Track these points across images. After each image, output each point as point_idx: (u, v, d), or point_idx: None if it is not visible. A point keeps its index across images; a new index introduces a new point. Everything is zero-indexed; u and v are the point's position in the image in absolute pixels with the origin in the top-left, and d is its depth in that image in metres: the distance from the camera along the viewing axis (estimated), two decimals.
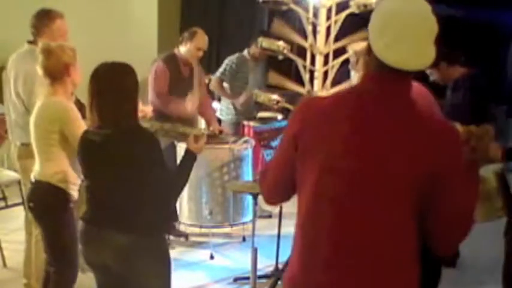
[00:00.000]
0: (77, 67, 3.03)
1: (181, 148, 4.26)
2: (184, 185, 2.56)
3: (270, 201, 1.98)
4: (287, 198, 1.89)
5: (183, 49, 4.55)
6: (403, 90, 1.66)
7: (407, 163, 1.59)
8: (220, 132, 4.82)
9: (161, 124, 3.16)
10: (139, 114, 2.59)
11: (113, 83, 2.42)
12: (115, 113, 2.40)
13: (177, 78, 4.53)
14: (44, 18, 3.59)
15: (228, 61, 5.45)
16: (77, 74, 3.02)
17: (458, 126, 1.78)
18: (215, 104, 5.84)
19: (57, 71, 2.94)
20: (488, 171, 2.40)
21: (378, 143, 1.61)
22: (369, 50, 1.67)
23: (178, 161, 4.22)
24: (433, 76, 4.20)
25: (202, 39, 4.55)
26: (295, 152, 1.73)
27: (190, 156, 2.60)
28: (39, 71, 2.98)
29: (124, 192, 2.40)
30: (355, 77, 3.16)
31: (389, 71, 1.63)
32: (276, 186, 1.87)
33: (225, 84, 5.48)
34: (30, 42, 3.61)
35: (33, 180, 3.01)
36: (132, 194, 2.39)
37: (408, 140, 1.60)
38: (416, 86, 1.73)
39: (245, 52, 5.46)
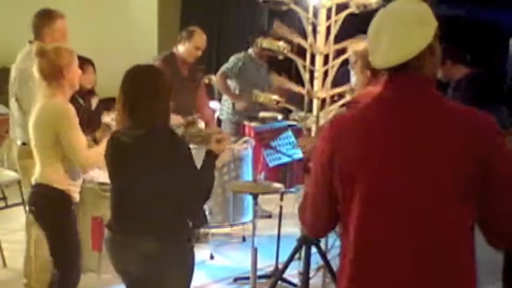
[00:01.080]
0: (74, 69, 3.00)
1: None
2: (211, 186, 2.55)
3: (316, 233, 1.93)
4: (333, 226, 1.80)
5: (181, 48, 4.53)
6: (421, 87, 1.63)
7: (454, 159, 1.54)
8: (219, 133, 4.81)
9: (186, 129, 3.17)
10: None
11: (147, 85, 2.44)
12: (149, 114, 2.40)
13: (176, 77, 4.51)
14: (45, 18, 3.60)
15: (235, 58, 5.43)
16: (74, 76, 2.99)
17: None
18: (215, 104, 5.82)
19: (52, 74, 2.92)
20: None
21: (418, 146, 1.57)
22: None
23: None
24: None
25: (200, 39, 4.53)
26: (332, 174, 1.67)
27: (211, 157, 2.60)
28: (36, 73, 2.97)
29: (154, 195, 2.39)
30: (355, 77, 3.16)
31: (392, 74, 1.63)
32: (319, 216, 1.78)
33: (229, 82, 5.45)
34: (31, 42, 3.61)
35: (33, 183, 3.00)
36: (163, 196, 2.39)
37: (449, 134, 1.56)
38: None
39: (250, 51, 5.45)
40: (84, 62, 3.87)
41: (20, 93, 3.50)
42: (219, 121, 5.64)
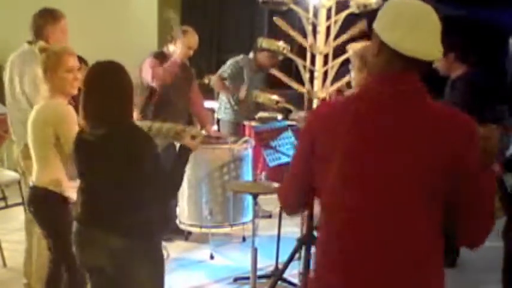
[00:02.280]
0: (68, 73, 2.94)
1: None
2: (180, 183, 2.53)
3: (292, 210, 2.00)
4: (307, 203, 1.90)
5: (172, 48, 4.49)
6: (413, 88, 1.65)
7: (427, 159, 1.57)
8: (217, 138, 4.76)
9: (161, 124, 3.14)
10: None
11: (103, 83, 2.39)
12: (106, 112, 2.37)
13: None
14: (47, 17, 3.57)
15: (233, 61, 5.42)
16: (71, 80, 2.94)
17: None
18: (214, 104, 5.81)
19: (49, 75, 2.90)
20: None
21: (394, 141, 1.60)
22: (378, 51, 1.66)
23: None
24: (436, 64, 4.13)
25: (192, 38, 4.48)
26: (312, 158, 1.73)
27: (185, 153, 2.58)
28: (39, 71, 2.97)
29: (119, 193, 2.38)
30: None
31: (400, 69, 1.63)
32: (298, 192, 1.86)
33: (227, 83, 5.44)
34: (29, 42, 3.59)
35: (31, 185, 3.00)
36: (127, 194, 2.38)
37: (426, 135, 1.59)
38: None
39: (250, 55, 5.44)
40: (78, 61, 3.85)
41: (33, 94, 3.41)
42: (218, 120, 5.63)
